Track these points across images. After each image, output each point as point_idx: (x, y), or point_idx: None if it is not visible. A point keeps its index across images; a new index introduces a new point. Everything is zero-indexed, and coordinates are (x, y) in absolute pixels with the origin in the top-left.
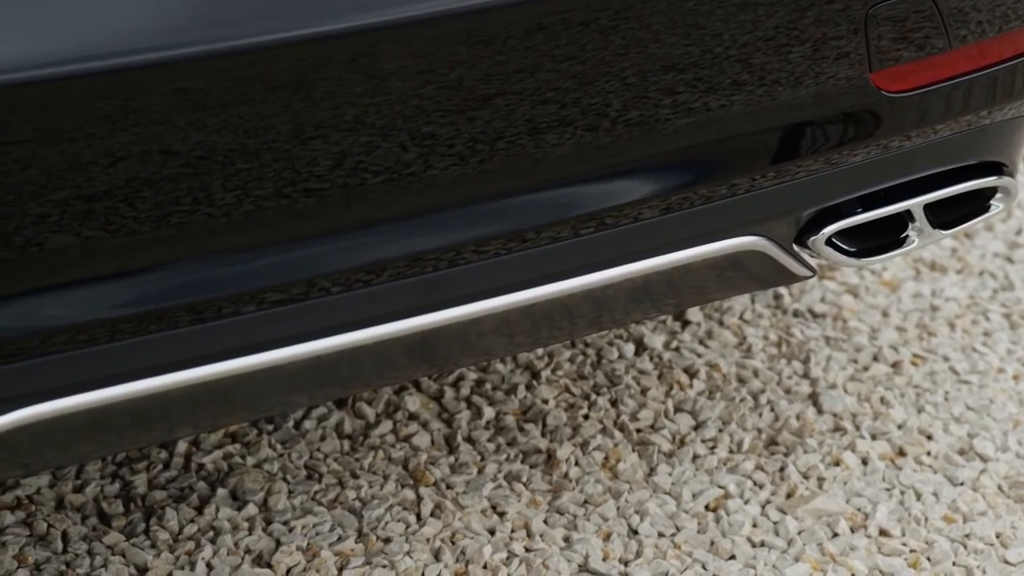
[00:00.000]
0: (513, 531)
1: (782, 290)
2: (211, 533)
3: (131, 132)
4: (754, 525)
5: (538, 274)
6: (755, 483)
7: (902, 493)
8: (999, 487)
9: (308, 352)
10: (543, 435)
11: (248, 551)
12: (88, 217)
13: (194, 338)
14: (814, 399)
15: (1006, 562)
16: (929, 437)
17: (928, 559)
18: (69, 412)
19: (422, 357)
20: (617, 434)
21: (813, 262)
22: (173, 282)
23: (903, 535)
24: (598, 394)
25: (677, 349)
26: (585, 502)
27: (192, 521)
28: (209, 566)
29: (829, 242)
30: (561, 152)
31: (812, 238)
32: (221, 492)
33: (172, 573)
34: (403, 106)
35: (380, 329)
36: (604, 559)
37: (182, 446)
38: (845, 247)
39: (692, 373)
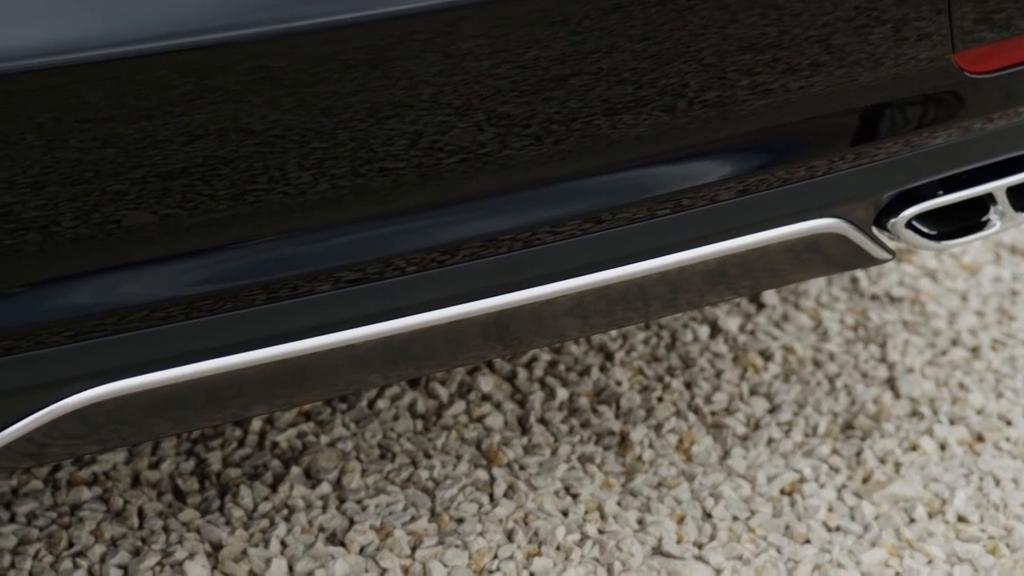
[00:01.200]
0: (586, 513)
1: (859, 273)
2: (285, 511)
3: (208, 110)
4: (830, 510)
5: (613, 256)
6: (831, 467)
7: (980, 479)
8: None
9: (382, 332)
10: (616, 417)
11: (322, 529)
12: (165, 195)
13: (269, 317)
14: (891, 383)
15: None
16: (1008, 423)
17: (1007, 546)
18: (145, 390)
19: (496, 338)
20: (691, 417)
21: (892, 245)
22: (249, 261)
23: (981, 521)
24: (672, 376)
25: (752, 332)
26: (659, 484)
27: (266, 499)
28: (283, 544)
29: (909, 225)
30: (637, 133)
31: (892, 221)
32: (295, 470)
33: (246, 550)
34: (479, 86)
35: (454, 310)
36: (678, 542)
37: (256, 424)
38: (925, 230)
39: (767, 356)
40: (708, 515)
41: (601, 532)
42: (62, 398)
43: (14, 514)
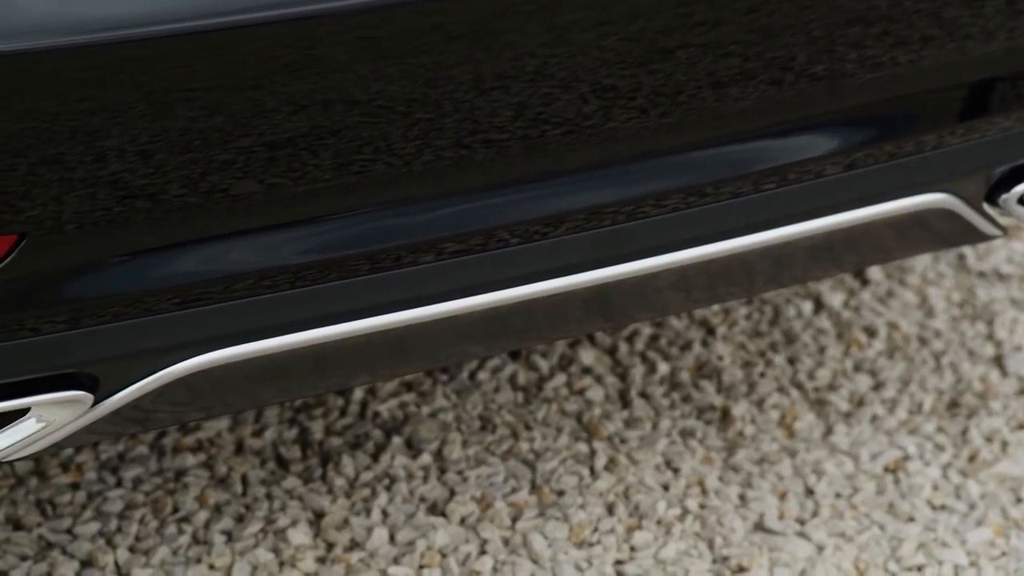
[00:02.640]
0: (687, 487)
1: (966, 250)
2: (386, 480)
3: (313, 81)
4: (934, 488)
5: (717, 229)
6: (936, 445)
7: None
8: None
9: (485, 304)
10: (718, 392)
11: (423, 499)
12: (271, 164)
13: (373, 288)
14: (998, 361)
15: None
16: None
17: None
18: (250, 358)
19: (598, 311)
20: (794, 392)
21: (1002, 221)
22: (353, 231)
23: None
24: (775, 352)
25: (856, 308)
26: (760, 460)
27: (368, 468)
28: (384, 513)
29: (1021, 200)
30: (743, 106)
31: (1003, 196)
32: (396, 440)
33: (348, 519)
34: (584, 58)
35: (557, 282)
36: (780, 518)
37: (358, 394)
38: None
39: (871, 333)
40: (810, 491)
41: (702, 507)
42: (169, 365)
43: (120, 479)
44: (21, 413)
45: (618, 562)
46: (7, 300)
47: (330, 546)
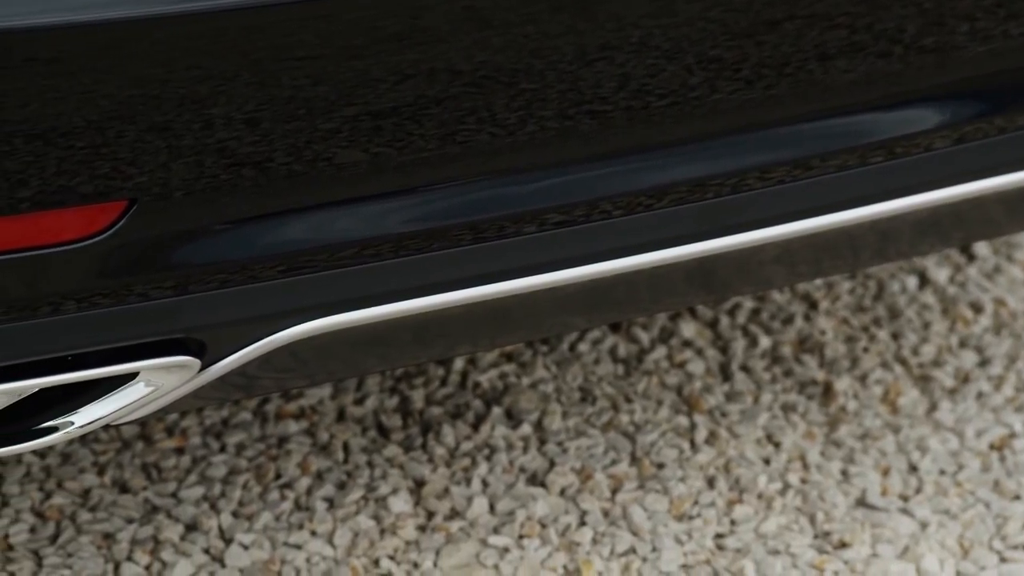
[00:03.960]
0: (788, 462)
1: None
2: (486, 451)
3: (418, 50)
4: None
5: (823, 203)
6: None
7: None
8: None
9: (587, 275)
10: (820, 367)
11: (522, 470)
12: (376, 133)
13: (476, 257)
14: None
15: None
16: None
17: None
18: (354, 326)
19: (701, 284)
20: (897, 368)
21: None
22: (456, 201)
23: None
24: (878, 327)
25: (962, 284)
26: (863, 436)
27: (468, 438)
28: (484, 483)
29: None
30: (851, 78)
31: None
32: (496, 411)
33: (448, 488)
34: (689, 28)
35: (660, 254)
36: (882, 494)
37: (459, 363)
38: None
39: (978, 309)
40: (914, 468)
41: (803, 482)
42: (274, 332)
43: (224, 444)
44: (130, 377)
45: (718, 535)
46: (117, 266)
47: (430, 515)
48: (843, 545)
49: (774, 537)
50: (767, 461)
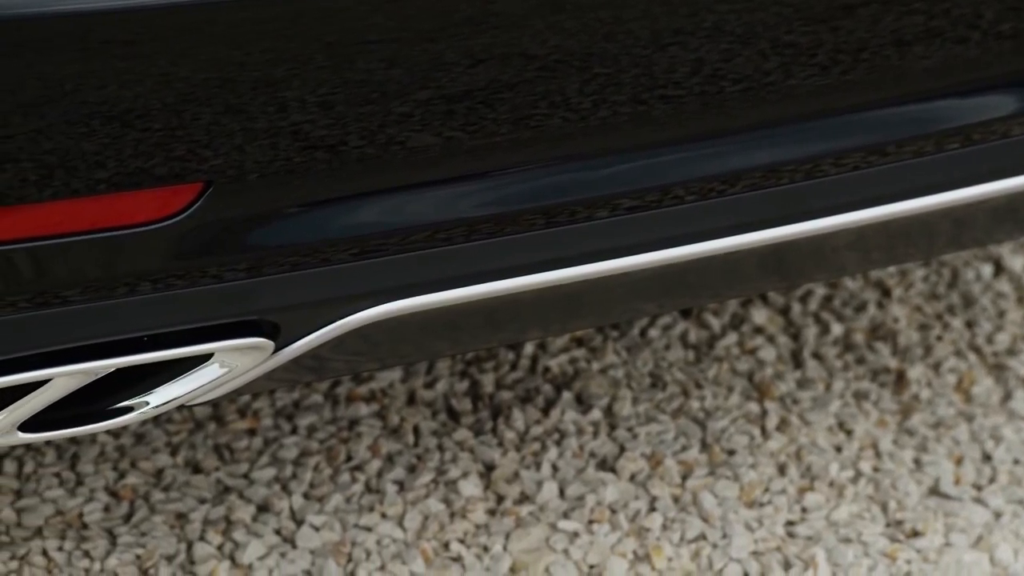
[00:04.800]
0: (860, 450)
1: None
2: (556, 435)
3: (491, 34)
4: None
5: (898, 189)
6: None
7: None
8: None
9: (659, 260)
10: (893, 354)
11: (592, 455)
12: (448, 117)
13: (547, 242)
14: None
15: None
16: None
17: None
18: (426, 310)
19: (773, 270)
20: (971, 357)
21: None
22: (528, 185)
23: None
24: (952, 315)
25: None
26: (936, 424)
27: (538, 422)
28: (554, 467)
29: None
30: (927, 64)
31: None
32: (566, 395)
33: (518, 472)
34: (764, 13)
35: (733, 240)
36: (955, 483)
37: (529, 348)
38: None
39: None
40: (988, 457)
41: (876, 470)
42: (347, 315)
43: (296, 426)
44: (205, 358)
45: (789, 523)
46: (192, 247)
47: (500, 499)
48: (916, 534)
49: (846, 525)
50: (839, 449)
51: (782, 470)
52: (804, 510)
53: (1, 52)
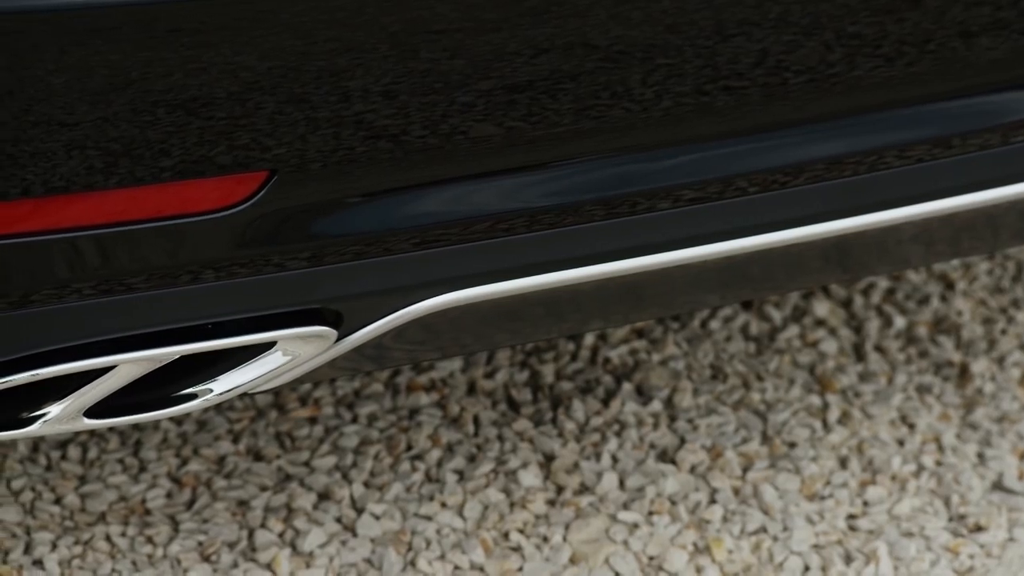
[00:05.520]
0: (923, 444)
1: None
2: (616, 426)
3: (553, 24)
4: None
5: (963, 182)
6: None
7: None
8: None
9: (721, 252)
10: (956, 348)
11: (652, 446)
12: (511, 108)
13: (608, 233)
14: None
15: None
16: None
17: None
18: (487, 300)
19: (836, 263)
20: None
21: None
22: (589, 176)
23: None
24: (1017, 309)
25: None
26: (1000, 419)
27: (598, 413)
28: (614, 458)
29: None
30: (994, 56)
31: None
32: (626, 387)
33: (578, 463)
34: (829, 4)
35: (795, 232)
36: (1019, 478)
37: (589, 339)
38: None
39: None
40: None
41: (938, 464)
42: (410, 304)
43: (356, 415)
44: (268, 346)
45: (851, 516)
46: (255, 236)
47: (560, 489)
48: (979, 528)
49: (908, 519)
50: (901, 442)
51: (844, 463)
52: (866, 504)
53: (69, 40)
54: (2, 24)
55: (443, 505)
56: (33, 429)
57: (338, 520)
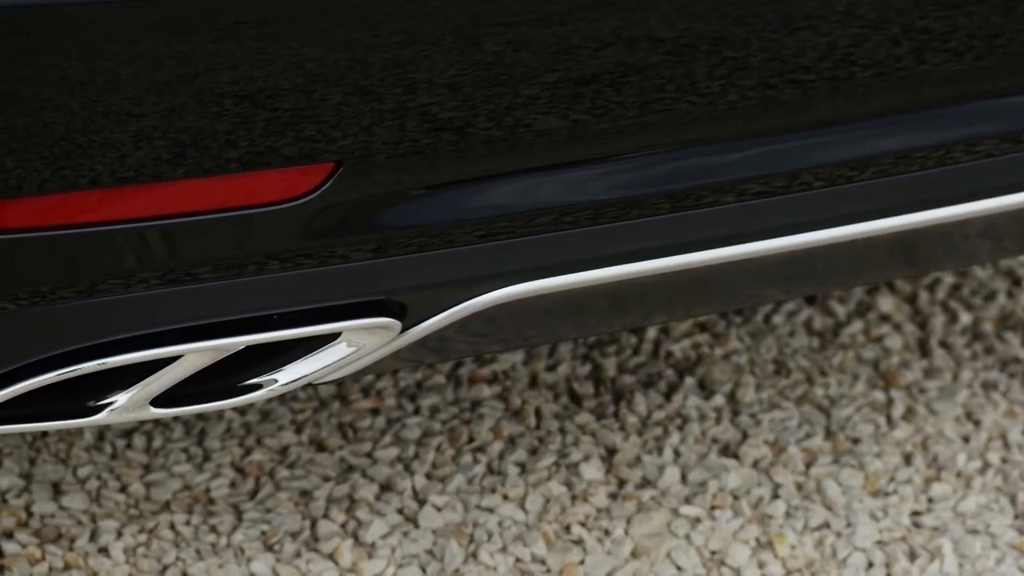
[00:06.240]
0: (988, 440)
1: None
2: (678, 420)
3: (619, 17)
4: None
5: None
6: None
7: None
8: None
9: (787, 246)
10: (1023, 344)
11: (715, 441)
12: (575, 100)
13: (673, 227)
14: None
15: None
16: None
17: None
18: (551, 293)
19: (902, 258)
20: None
21: None
22: (655, 169)
23: None
24: None
25: None
26: None
27: (660, 407)
28: (676, 453)
29: None
30: None
31: None
32: (689, 381)
33: (640, 457)
34: None
35: (862, 227)
36: None
37: (651, 333)
38: None
39: None
40: None
41: (1004, 461)
42: (474, 296)
43: (418, 407)
44: (333, 337)
45: (915, 513)
46: (321, 227)
47: (621, 483)
48: None
49: (973, 516)
50: (966, 439)
51: (908, 459)
52: (930, 500)
53: (138, 31)
54: (74, 15)
55: (505, 497)
56: (100, 418)
57: (400, 511)
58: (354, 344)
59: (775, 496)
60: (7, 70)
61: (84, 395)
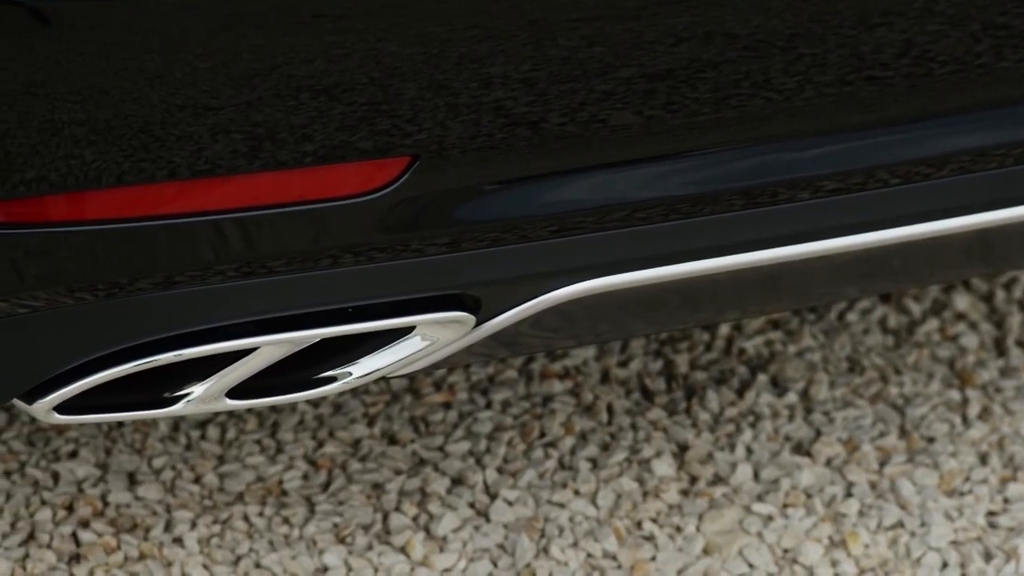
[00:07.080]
0: None
1: None
2: (751, 417)
3: (693, 13)
4: None
5: None
6: None
7: None
8: None
9: (863, 244)
10: None
11: (787, 439)
12: (650, 96)
13: (748, 223)
14: None
15: None
16: None
17: None
18: (624, 288)
19: (978, 256)
20: None
21: None
22: (728, 166)
23: None
24: None
25: None
26: None
27: (732, 404)
28: (749, 450)
29: None
30: None
31: None
32: (762, 378)
33: (712, 453)
34: None
35: (938, 225)
36: None
37: (724, 329)
38: None
39: None
40: None
41: None
42: (548, 291)
43: (490, 401)
44: (407, 331)
45: (990, 513)
46: (396, 221)
47: (693, 479)
48: None
49: None
50: None
51: (983, 459)
52: (1006, 500)
53: (216, 25)
54: (154, 8)
55: (576, 493)
56: (177, 409)
57: (471, 505)
58: (428, 338)
59: (848, 495)
60: (88, 63)
61: (160, 386)
